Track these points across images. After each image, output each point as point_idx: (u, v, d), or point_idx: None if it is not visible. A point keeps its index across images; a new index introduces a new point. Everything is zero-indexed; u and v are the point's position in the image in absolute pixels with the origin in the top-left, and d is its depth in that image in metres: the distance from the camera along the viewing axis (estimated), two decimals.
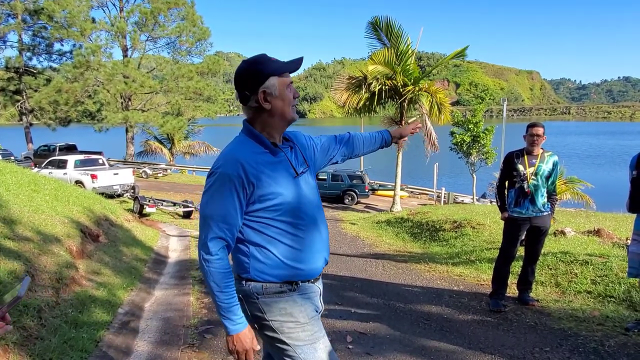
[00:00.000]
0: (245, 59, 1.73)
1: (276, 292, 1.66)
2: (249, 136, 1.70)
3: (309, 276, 1.72)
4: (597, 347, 3.35)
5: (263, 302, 1.66)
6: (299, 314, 1.68)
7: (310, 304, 1.73)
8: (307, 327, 1.68)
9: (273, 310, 1.67)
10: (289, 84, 1.68)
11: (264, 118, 1.68)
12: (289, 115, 1.70)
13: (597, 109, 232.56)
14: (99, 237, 6.65)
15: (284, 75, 1.67)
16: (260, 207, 1.63)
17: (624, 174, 14.98)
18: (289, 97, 1.68)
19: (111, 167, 17.58)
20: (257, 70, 1.65)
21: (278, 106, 1.66)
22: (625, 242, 6.15)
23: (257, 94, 1.64)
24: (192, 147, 31.88)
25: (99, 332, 3.72)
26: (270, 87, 1.64)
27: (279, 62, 1.69)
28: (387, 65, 15.20)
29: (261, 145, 1.68)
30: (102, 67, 26.35)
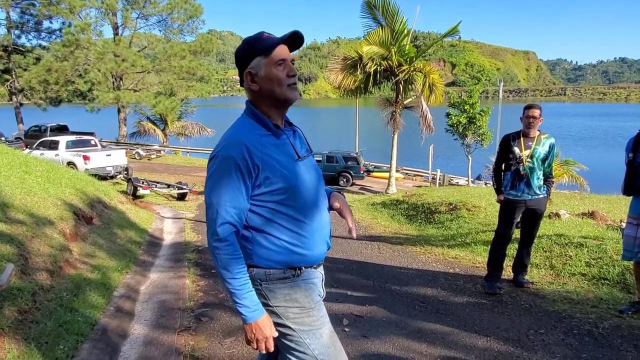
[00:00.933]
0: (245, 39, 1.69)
1: (279, 278, 1.64)
2: (252, 117, 1.66)
3: (313, 262, 1.70)
4: (591, 329, 3.38)
5: (266, 288, 1.65)
6: (304, 299, 1.66)
7: (314, 290, 1.71)
8: (312, 312, 1.67)
9: (277, 296, 1.65)
10: (278, 62, 1.60)
11: (259, 100, 1.65)
12: (280, 95, 1.62)
13: (593, 90, 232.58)
14: (92, 220, 6.60)
15: (273, 54, 1.59)
16: (265, 190, 1.59)
17: (618, 155, 14.99)
18: (279, 75, 1.60)
19: (104, 149, 17.40)
20: (243, 51, 1.63)
21: (266, 87, 1.61)
22: (619, 225, 6.19)
23: (245, 75, 1.63)
24: (185, 128, 31.56)
25: (95, 316, 3.71)
26: (255, 67, 1.61)
27: (269, 39, 1.62)
28: (382, 45, 15.03)
29: (264, 127, 1.64)
30: (93, 45, 25.83)
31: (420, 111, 15.97)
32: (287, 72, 1.61)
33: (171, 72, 27.73)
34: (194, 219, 9.60)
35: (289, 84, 1.62)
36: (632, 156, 3.45)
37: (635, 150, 3.44)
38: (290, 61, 1.64)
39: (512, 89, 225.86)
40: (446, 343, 3.24)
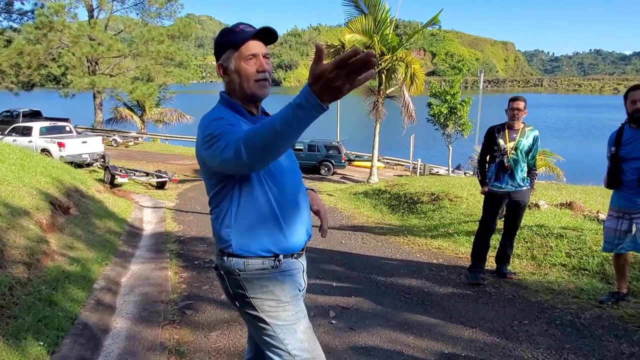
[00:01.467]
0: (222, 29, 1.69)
1: (258, 268, 1.61)
2: (226, 105, 1.64)
3: (292, 249, 1.67)
4: (573, 319, 3.45)
5: (244, 278, 1.62)
6: (281, 292, 1.64)
7: (293, 283, 1.68)
8: (287, 306, 1.65)
9: (254, 287, 1.62)
10: (248, 57, 1.57)
11: (230, 91, 1.65)
12: (248, 90, 1.60)
13: (569, 82, 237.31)
14: (69, 209, 6.41)
15: (243, 48, 1.57)
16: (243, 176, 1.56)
17: (592, 147, 15.38)
18: (248, 70, 1.57)
19: (79, 135, 16.94)
20: (217, 43, 1.63)
21: (235, 80, 1.60)
22: (596, 215, 6.34)
23: (217, 67, 1.64)
24: (164, 114, 30.94)
25: (75, 310, 3.61)
26: (226, 60, 1.60)
27: (241, 33, 1.58)
28: (365, 34, 14.94)
29: (238, 114, 1.61)
30: (67, 28, 24.97)
31: (403, 101, 16.01)
32: (257, 68, 1.58)
33: (148, 57, 27.05)
34: (175, 208, 9.45)
35: (257, 79, 1.59)
36: (614, 150, 3.50)
37: (617, 144, 3.49)
38: (264, 56, 1.59)
39: (490, 79, 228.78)
40: (433, 335, 3.26)
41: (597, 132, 52.47)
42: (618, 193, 3.54)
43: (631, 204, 3.40)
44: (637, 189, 3.33)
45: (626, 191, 3.43)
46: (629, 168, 3.39)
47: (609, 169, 3.56)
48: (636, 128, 3.38)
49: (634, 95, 3.36)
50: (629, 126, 3.45)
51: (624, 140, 3.44)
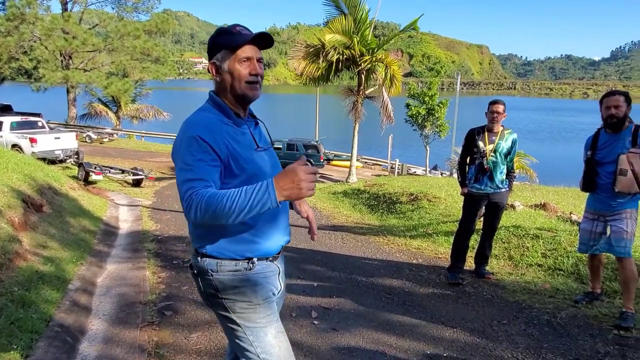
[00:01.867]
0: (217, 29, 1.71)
1: (231, 270, 1.62)
2: (214, 106, 1.68)
3: (267, 253, 1.68)
4: (550, 319, 3.53)
5: (217, 279, 1.63)
6: (252, 294, 1.65)
7: (266, 285, 1.68)
8: (259, 309, 1.65)
9: (227, 288, 1.63)
10: (242, 59, 1.62)
11: (220, 90, 1.68)
12: (239, 91, 1.64)
13: (541, 85, 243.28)
14: (42, 207, 6.22)
15: (239, 50, 1.61)
16: (227, 174, 1.58)
17: (563, 149, 15.73)
18: (241, 72, 1.62)
19: (52, 131, 16.44)
20: (212, 42, 1.66)
21: (227, 80, 1.64)
22: (569, 216, 6.52)
23: (209, 65, 1.67)
24: (140, 111, 30.33)
25: (49, 311, 3.50)
26: (220, 59, 1.64)
27: (239, 35, 1.62)
28: (345, 34, 14.98)
29: (225, 116, 1.65)
30: (39, 20, 24.22)
31: (381, 101, 16.10)
32: (249, 71, 1.63)
33: (124, 52, 26.50)
34: (152, 207, 9.28)
35: (249, 81, 1.63)
36: (590, 154, 3.58)
37: (593, 149, 3.57)
38: (257, 60, 1.64)
39: (466, 82, 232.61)
40: (415, 335, 3.29)
41: (567, 134, 54.00)
42: (594, 196, 3.63)
43: (606, 206, 3.49)
44: (611, 192, 3.42)
45: (601, 194, 3.51)
46: (604, 172, 3.47)
47: (585, 173, 3.64)
48: (611, 133, 3.47)
49: (608, 101, 3.45)
50: (604, 131, 3.53)
51: (599, 144, 3.53)
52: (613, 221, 3.45)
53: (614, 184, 3.37)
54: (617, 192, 3.38)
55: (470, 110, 60.54)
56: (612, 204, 3.46)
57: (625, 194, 3.37)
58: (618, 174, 3.34)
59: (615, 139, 3.43)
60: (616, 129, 3.42)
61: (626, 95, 3.46)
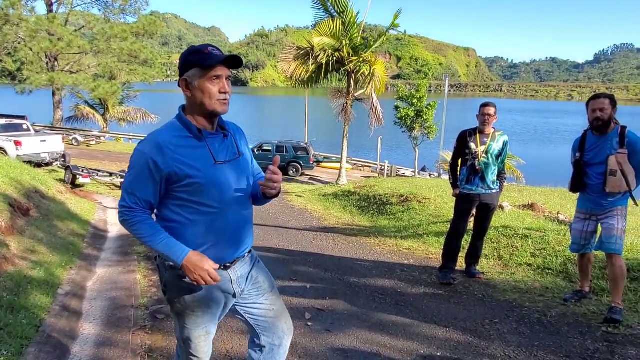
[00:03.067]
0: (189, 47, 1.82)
1: (177, 274, 1.79)
2: (178, 120, 1.80)
3: (215, 261, 1.79)
4: (540, 317, 3.57)
5: (168, 277, 1.84)
6: (192, 302, 1.83)
7: (210, 296, 1.84)
8: (193, 316, 1.86)
9: (173, 288, 1.85)
10: (213, 77, 1.72)
11: (190, 105, 1.78)
12: (209, 107, 1.74)
13: (527, 88, 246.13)
14: (29, 211, 6.14)
15: (211, 69, 1.71)
16: (177, 187, 1.73)
17: (548, 150, 15.93)
18: (211, 90, 1.72)
19: (37, 134, 16.21)
20: (184, 59, 1.76)
21: (198, 96, 1.73)
22: (557, 216, 6.61)
23: (180, 81, 1.77)
24: (127, 113, 30.06)
25: (39, 316, 3.46)
26: (191, 77, 1.73)
27: (209, 55, 1.72)
28: (333, 36, 15.03)
29: (187, 130, 1.76)
30: (24, 21, 23.85)
31: (371, 103, 16.17)
32: (219, 89, 1.73)
33: (111, 55, 26.21)
34: None
35: (219, 99, 1.74)
36: (579, 155, 3.64)
37: (581, 150, 3.64)
38: (226, 78, 1.76)
39: (453, 84, 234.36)
40: (408, 335, 3.31)
41: (552, 136, 54.73)
42: (584, 196, 3.68)
43: (597, 206, 3.56)
44: (602, 192, 3.48)
45: (592, 194, 3.58)
46: (593, 173, 3.53)
47: (574, 174, 3.70)
48: (598, 135, 3.53)
49: (594, 104, 3.50)
50: (591, 133, 3.59)
51: (587, 146, 3.59)
52: (605, 218, 3.52)
53: (605, 185, 3.43)
54: (608, 192, 3.44)
55: (458, 112, 60.99)
56: (603, 203, 3.52)
57: (615, 193, 3.43)
58: (608, 174, 3.40)
59: (603, 141, 3.49)
60: (602, 131, 3.49)
61: (611, 98, 3.52)
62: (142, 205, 1.74)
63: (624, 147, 3.38)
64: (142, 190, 1.72)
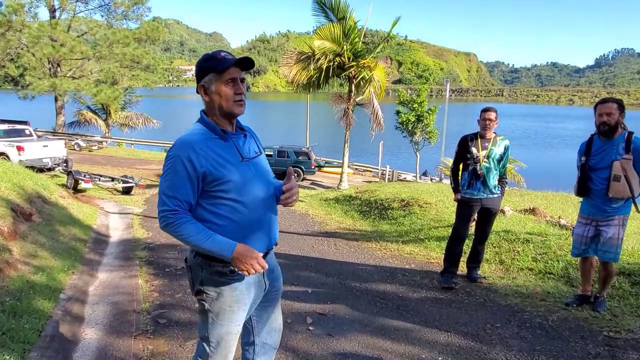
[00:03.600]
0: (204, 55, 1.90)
1: (217, 271, 1.85)
2: (202, 124, 1.88)
3: None
4: (542, 322, 3.57)
5: (205, 277, 1.87)
6: (229, 298, 1.88)
7: (244, 292, 1.91)
8: (229, 313, 1.90)
9: (210, 287, 1.88)
10: (228, 80, 1.81)
11: (209, 109, 1.88)
12: (227, 109, 1.84)
13: (527, 92, 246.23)
14: (32, 216, 6.16)
15: (225, 72, 1.81)
16: (210, 186, 1.79)
17: (550, 155, 15.91)
18: (227, 92, 1.82)
19: (40, 139, 16.27)
20: (200, 67, 1.86)
21: (215, 100, 1.83)
22: (558, 221, 6.61)
23: (199, 87, 1.87)
24: (129, 118, 30.15)
25: (42, 321, 3.47)
26: (207, 82, 1.83)
27: (223, 60, 1.82)
28: (334, 41, 15.10)
29: (212, 132, 1.85)
30: (26, 28, 24.01)
31: (372, 108, 16.22)
32: (234, 90, 1.83)
33: (113, 60, 26.34)
34: (142, 214, 9.22)
35: (235, 100, 1.84)
36: (584, 159, 3.62)
37: (587, 154, 3.61)
38: (241, 80, 1.85)
39: (454, 89, 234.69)
40: (410, 340, 3.31)
41: (553, 141, 54.71)
42: (587, 201, 3.67)
43: (600, 211, 3.55)
44: (605, 197, 3.47)
45: (595, 199, 3.57)
46: (597, 177, 3.53)
47: (579, 178, 3.67)
48: (605, 139, 3.51)
49: (601, 108, 3.49)
50: (597, 137, 3.57)
51: (593, 150, 3.57)
52: (606, 227, 3.51)
53: (608, 190, 3.43)
54: (611, 198, 3.44)
55: (459, 116, 60.89)
56: (606, 209, 3.51)
57: (618, 199, 3.43)
58: (612, 180, 3.40)
59: (609, 146, 3.48)
60: (609, 136, 3.47)
61: (619, 102, 3.50)
62: (184, 206, 1.78)
63: (630, 153, 3.37)
64: (182, 191, 1.77)
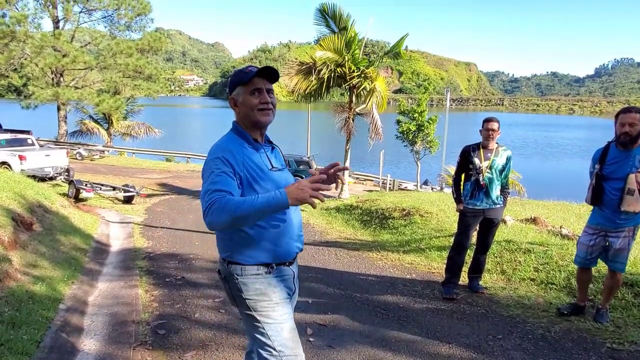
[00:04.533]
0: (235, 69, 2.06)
1: (253, 274, 1.89)
2: (235, 133, 1.98)
3: (285, 259, 1.95)
4: (544, 333, 3.54)
5: (241, 281, 1.90)
6: (272, 294, 1.91)
7: (284, 287, 1.96)
8: (277, 307, 1.91)
9: (250, 289, 1.90)
10: (253, 91, 1.91)
11: (240, 119, 1.97)
12: (253, 118, 1.93)
13: (528, 102, 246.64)
14: (32, 226, 6.16)
15: (250, 83, 1.91)
16: (246, 190, 1.84)
17: (551, 164, 15.85)
18: (252, 102, 1.91)
19: (42, 148, 16.32)
20: (230, 81, 1.99)
21: (244, 111, 1.94)
22: (559, 230, 6.58)
23: (229, 100, 1.98)
24: (131, 127, 30.26)
25: (40, 332, 3.45)
26: (237, 94, 1.95)
27: (249, 73, 1.92)
28: (336, 52, 15.17)
29: (245, 141, 1.94)
30: (30, 38, 24.19)
31: (371, 117, 16.24)
32: (259, 100, 1.91)
33: (116, 70, 26.52)
34: (143, 224, 9.21)
35: (260, 108, 1.92)
36: (598, 167, 3.53)
37: (602, 162, 3.52)
38: (267, 91, 1.93)
39: (454, 98, 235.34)
40: (411, 351, 3.29)
41: (552, 150, 54.72)
42: (598, 211, 3.60)
43: (610, 222, 3.49)
44: (616, 208, 3.40)
45: (606, 210, 3.50)
46: (610, 188, 3.44)
47: (593, 186, 3.56)
48: (622, 149, 3.42)
49: (623, 118, 3.38)
50: (614, 146, 3.48)
51: (608, 159, 3.48)
52: (615, 238, 3.47)
53: (621, 202, 3.35)
54: (622, 210, 3.36)
55: (459, 126, 60.85)
56: (616, 220, 3.45)
57: (630, 212, 3.36)
58: (626, 193, 3.31)
59: (625, 156, 3.39)
60: (627, 147, 3.38)
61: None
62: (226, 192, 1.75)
63: None
64: (225, 184, 1.75)
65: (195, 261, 6.06)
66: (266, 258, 1.90)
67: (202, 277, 5.32)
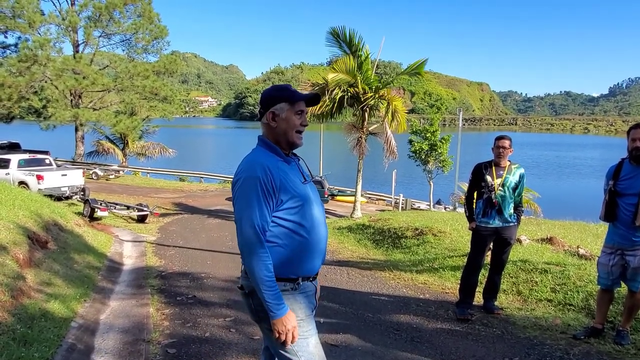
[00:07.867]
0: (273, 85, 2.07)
1: (280, 290, 1.85)
2: (265, 147, 1.98)
3: (310, 273, 1.96)
4: (562, 355, 3.44)
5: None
6: (298, 310, 1.89)
7: (308, 303, 1.96)
8: (302, 323, 1.90)
9: None
10: (298, 112, 1.96)
11: (272, 134, 1.98)
12: (291, 137, 1.97)
13: (542, 121, 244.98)
14: (47, 244, 6.23)
15: (297, 104, 1.96)
16: (281, 207, 1.86)
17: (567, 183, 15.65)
18: (294, 122, 1.96)
19: (59, 168, 16.63)
20: (272, 95, 1.99)
21: (282, 126, 1.95)
22: (576, 250, 6.44)
23: (268, 113, 1.97)
24: (146, 148, 30.73)
25: (51, 350, 3.44)
26: (279, 109, 1.95)
27: (297, 93, 1.98)
28: (348, 73, 15.32)
29: (276, 155, 1.96)
30: (51, 61, 24.92)
31: (385, 137, 16.27)
32: (301, 122, 1.99)
33: (133, 92, 27.13)
34: (156, 242, 9.26)
35: (298, 130, 1.98)
36: (612, 183, 3.50)
37: (615, 178, 3.49)
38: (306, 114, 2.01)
39: (467, 118, 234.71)
40: None
41: (568, 170, 53.99)
42: (613, 229, 3.54)
43: (625, 240, 3.42)
44: (631, 225, 3.34)
45: (620, 227, 3.44)
46: (624, 204, 3.40)
47: (607, 203, 3.53)
48: (636, 165, 3.39)
49: (635, 133, 3.36)
50: (628, 162, 3.45)
51: (622, 175, 3.45)
52: (632, 256, 3.38)
53: (635, 217, 3.30)
54: (638, 226, 3.31)
55: (472, 146, 60.64)
56: (632, 237, 3.38)
57: None
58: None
59: (639, 172, 3.36)
60: None
61: None
62: (263, 231, 1.83)
63: None
64: (262, 212, 1.82)
65: (206, 280, 6.04)
66: (293, 273, 1.90)
67: (213, 296, 5.30)
